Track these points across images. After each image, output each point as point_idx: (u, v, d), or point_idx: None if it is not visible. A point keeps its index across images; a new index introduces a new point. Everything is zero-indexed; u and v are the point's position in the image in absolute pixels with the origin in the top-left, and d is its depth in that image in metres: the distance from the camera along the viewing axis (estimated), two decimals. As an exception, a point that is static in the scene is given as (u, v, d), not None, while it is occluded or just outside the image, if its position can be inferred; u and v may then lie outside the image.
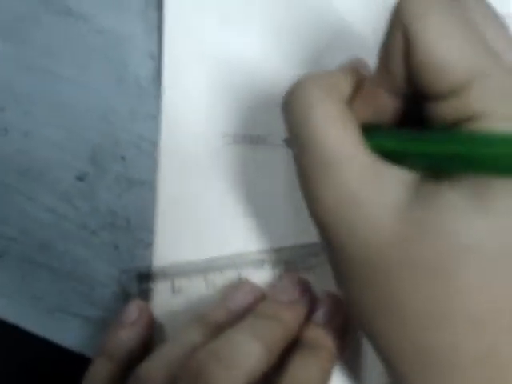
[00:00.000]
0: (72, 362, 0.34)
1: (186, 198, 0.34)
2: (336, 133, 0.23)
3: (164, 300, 0.33)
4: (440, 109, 0.22)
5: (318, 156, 0.23)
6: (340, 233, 0.23)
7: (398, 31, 0.22)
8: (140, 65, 0.35)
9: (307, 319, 0.30)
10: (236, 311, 0.31)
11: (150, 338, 0.33)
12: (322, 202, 0.23)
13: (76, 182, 0.35)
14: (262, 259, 0.33)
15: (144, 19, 0.35)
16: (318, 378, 0.28)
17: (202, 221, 0.34)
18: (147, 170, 0.34)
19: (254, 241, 0.33)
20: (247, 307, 0.31)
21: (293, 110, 0.24)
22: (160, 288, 0.33)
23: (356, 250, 0.23)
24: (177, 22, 0.34)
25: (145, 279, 0.33)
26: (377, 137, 0.24)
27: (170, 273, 0.33)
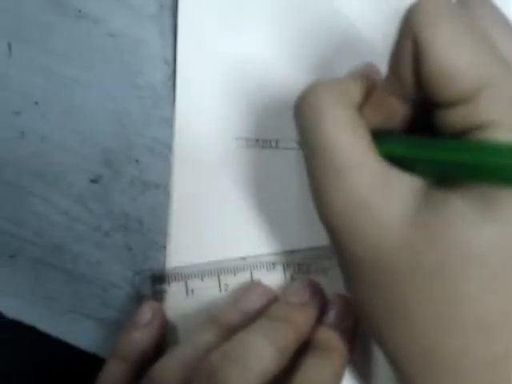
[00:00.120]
0: (86, 363, 0.34)
1: (200, 200, 0.34)
2: (346, 138, 0.23)
3: (177, 301, 0.33)
4: (449, 116, 0.22)
5: (328, 161, 0.23)
6: (349, 236, 0.23)
7: (408, 39, 0.22)
8: (154, 69, 0.35)
9: (318, 321, 0.30)
10: (248, 313, 0.31)
11: (164, 339, 0.33)
12: (332, 206, 0.24)
13: (90, 185, 0.35)
14: (275, 261, 0.33)
15: (159, 24, 0.35)
16: (330, 380, 0.28)
17: (215, 223, 0.34)
18: (161, 173, 0.35)
19: (266, 243, 0.33)
20: (259, 309, 0.31)
21: (304, 114, 0.25)
22: (173, 290, 0.34)
23: (365, 253, 0.23)
24: (191, 27, 0.34)
25: (158, 281, 0.34)
26: (386, 143, 0.24)
27: (184, 274, 0.33)
